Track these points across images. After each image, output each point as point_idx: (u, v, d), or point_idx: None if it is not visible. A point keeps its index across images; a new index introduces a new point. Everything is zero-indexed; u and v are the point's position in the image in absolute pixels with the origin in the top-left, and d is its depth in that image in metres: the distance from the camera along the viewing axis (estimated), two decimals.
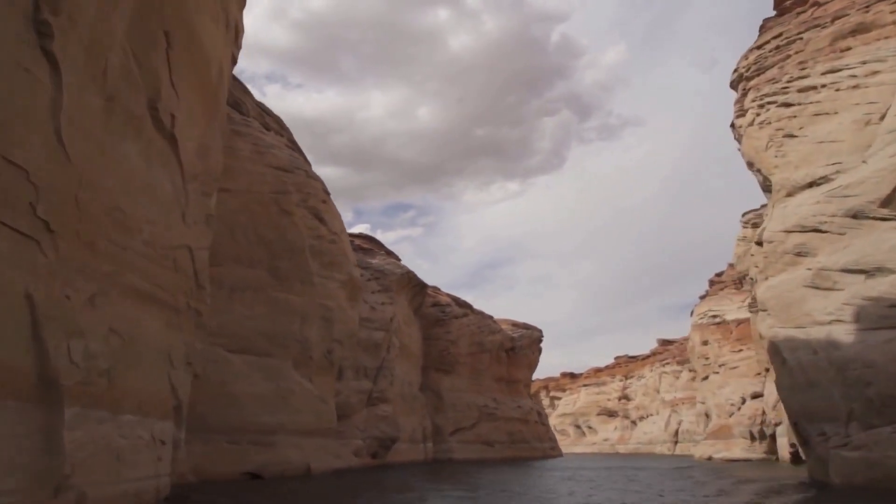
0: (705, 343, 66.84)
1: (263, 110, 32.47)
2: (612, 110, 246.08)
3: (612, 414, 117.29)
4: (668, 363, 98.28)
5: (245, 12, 18.93)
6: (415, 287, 57.57)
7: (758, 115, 27.15)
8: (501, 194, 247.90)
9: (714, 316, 66.50)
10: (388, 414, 45.14)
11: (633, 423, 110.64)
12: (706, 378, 66.91)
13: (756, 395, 54.88)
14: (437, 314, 64.65)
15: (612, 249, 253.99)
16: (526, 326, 75.09)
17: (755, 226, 45.28)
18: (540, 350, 78.05)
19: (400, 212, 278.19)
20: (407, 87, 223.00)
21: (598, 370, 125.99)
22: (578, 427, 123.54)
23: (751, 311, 55.19)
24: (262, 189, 29.21)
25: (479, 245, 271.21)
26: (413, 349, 57.90)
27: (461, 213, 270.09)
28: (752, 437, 50.67)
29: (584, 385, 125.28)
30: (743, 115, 29.08)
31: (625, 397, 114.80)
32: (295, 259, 29.95)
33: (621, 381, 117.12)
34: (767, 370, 56.53)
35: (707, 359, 66.43)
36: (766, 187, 30.58)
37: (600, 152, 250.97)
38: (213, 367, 25.72)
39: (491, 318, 70.49)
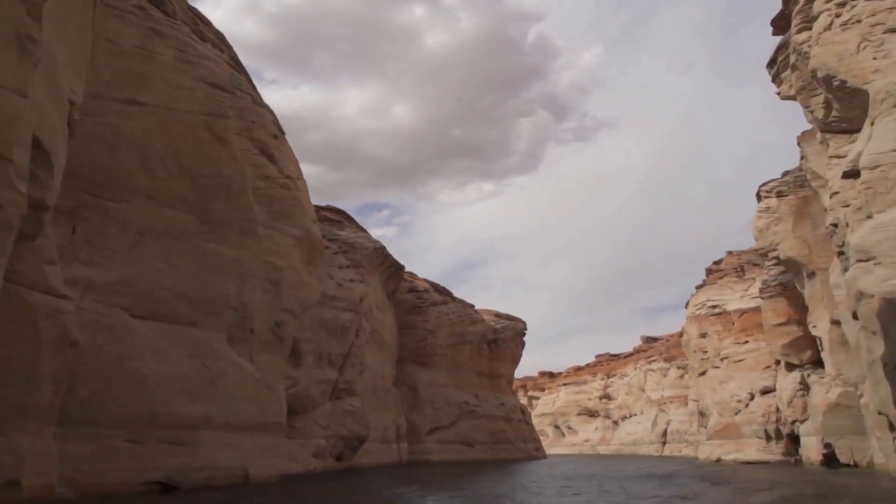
0: (703, 335, 60.40)
1: (197, 17, 24.99)
2: (588, 111, 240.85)
3: (592, 414, 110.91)
4: (654, 360, 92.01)
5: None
6: (389, 268, 50.25)
7: (837, 15, 20.50)
8: (477, 195, 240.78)
9: (713, 306, 60.08)
10: (357, 409, 37.77)
11: (615, 423, 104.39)
12: (703, 373, 60.50)
13: (766, 391, 48.48)
14: (413, 301, 57.37)
15: (588, 251, 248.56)
16: (509, 318, 68.12)
17: (780, 195, 38.88)
18: (523, 344, 71.16)
19: (375, 211, 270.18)
20: (382, 85, 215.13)
21: (578, 369, 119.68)
22: (557, 427, 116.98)
23: (763, 298, 48.94)
24: (189, 108, 21.73)
25: (455, 246, 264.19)
26: (386, 338, 50.57)
27: (436, 213, 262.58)
28: (768, 437, 44.22)
29: (564, 384, 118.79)
30: (809, 26, 22.41)
31: (606, 396, 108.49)
32: (233, 202, 22.49)
33: (602, 379, 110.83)
34: (778, 363, 50.34)
35: (705, 352, 59.98)
36: (828, 124, 23.95)
37: (576, 154, 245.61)
38: (108, 336, 18.26)
39: (472, 307, 63.39)
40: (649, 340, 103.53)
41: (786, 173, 39.84)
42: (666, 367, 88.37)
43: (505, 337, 65.20)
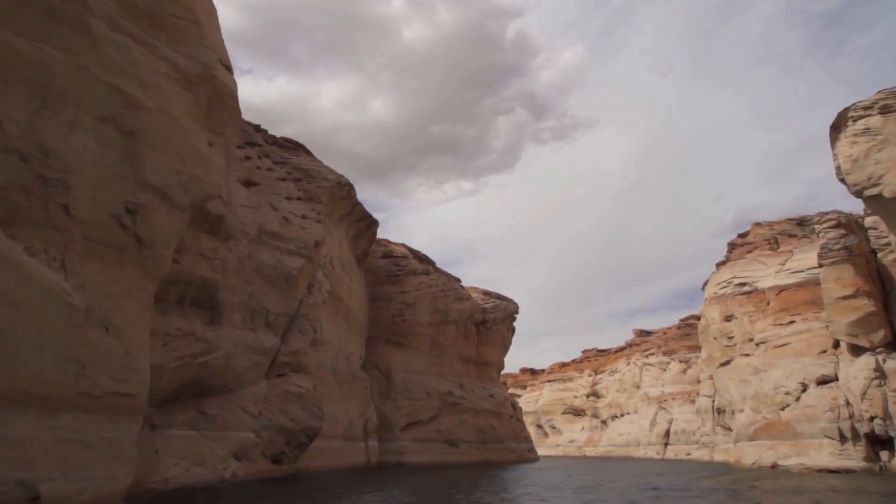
0: (728, 318, 49.88)
1: None
2: (567, 111, 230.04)
3: (578, 413, 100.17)
4: (651, 354, 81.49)
5: None
6: (359, 221, 38.77)
7: None
8: (455, 192, 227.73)
9: (741, 284, 49.53)
10: (306, 391, 26.21)
11: (604, 422, 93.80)
12: (727, 363, 49.97)
13: (825, 380, 37.99)
14: (388, 268, 45.92)
15: (564, 253, 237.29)
16: (499, 297, 56.91)
17: (886, 110, 28.23)
18: (513, 329, 60.00)
19: None
20: (360, 78, 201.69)
21: (563, 365, 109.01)
22: (540, 427, 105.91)
23: (823, 265, 38.46)
24: None
25: (430, 245, 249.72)
26: (354, 309, 39.07)
27: (412, 210, 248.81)
28: (842, 438, 33.69)
29: (548, 381, 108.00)
30: None
31: (594, 394, 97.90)
32: None
33: (590, 376, 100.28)
34: (837, 346, 39.93)
35: (730, 338, 49.47)
36: None
37: (555, 153, 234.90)
38: None
39: (458, 281, 52.15)
40: (643, 334, 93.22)
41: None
42: (666, 360, 77.98)
43: (495, 318, 53.98)
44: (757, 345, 45.40)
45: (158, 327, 19.76)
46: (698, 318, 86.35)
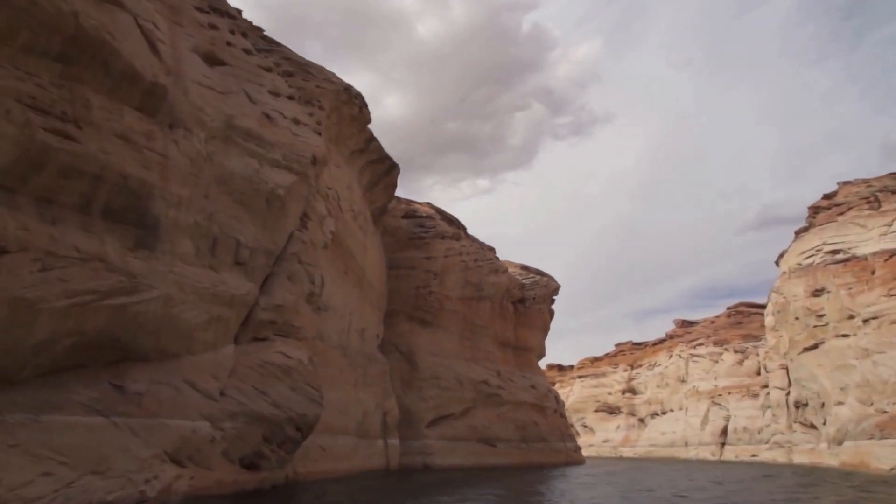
0: (817, 293, 40.55)
1: None
2: (585, 105, 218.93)
3: (613, 411, 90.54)
4: (700, 344, 71.81)
5: None
6: (376, 163, 30.11)
7: None
8: (471, 191, 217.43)
9: (834, 251, 40.26)
10: (297, 363, 17.44)
11: (642, 420, 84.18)
12: (814, 347, 40.72)
13: None
14: (411, 229, 37.14)
15: (581, 251, 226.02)
16: (539, 273, 47.98)
17: None
18: (552, 312, 50.93)
19: None
20: (373, 75, 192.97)
21: (595, 359, 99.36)
22: (572, 426, 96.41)
23: None
24: None
25: None
26: (369, 274, 30.39)
27: None
28: None
29: (579, 377, 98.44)
30: None
31: (630, 390, 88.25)
32: None
33: (626, 371, 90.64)
34: None
35: (821, 316, 40.16)
36: None
37: (572, 149, 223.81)
38: None
39: (493, 251, 43.28)
40: (685, 325, 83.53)
41: None
42: (717, 351, 68.28)
43: (535, 296, 45.04)
44: (864, 321, 36.06)
45: (34, 241, 11.27)
46: (750, 305, 77.12)
